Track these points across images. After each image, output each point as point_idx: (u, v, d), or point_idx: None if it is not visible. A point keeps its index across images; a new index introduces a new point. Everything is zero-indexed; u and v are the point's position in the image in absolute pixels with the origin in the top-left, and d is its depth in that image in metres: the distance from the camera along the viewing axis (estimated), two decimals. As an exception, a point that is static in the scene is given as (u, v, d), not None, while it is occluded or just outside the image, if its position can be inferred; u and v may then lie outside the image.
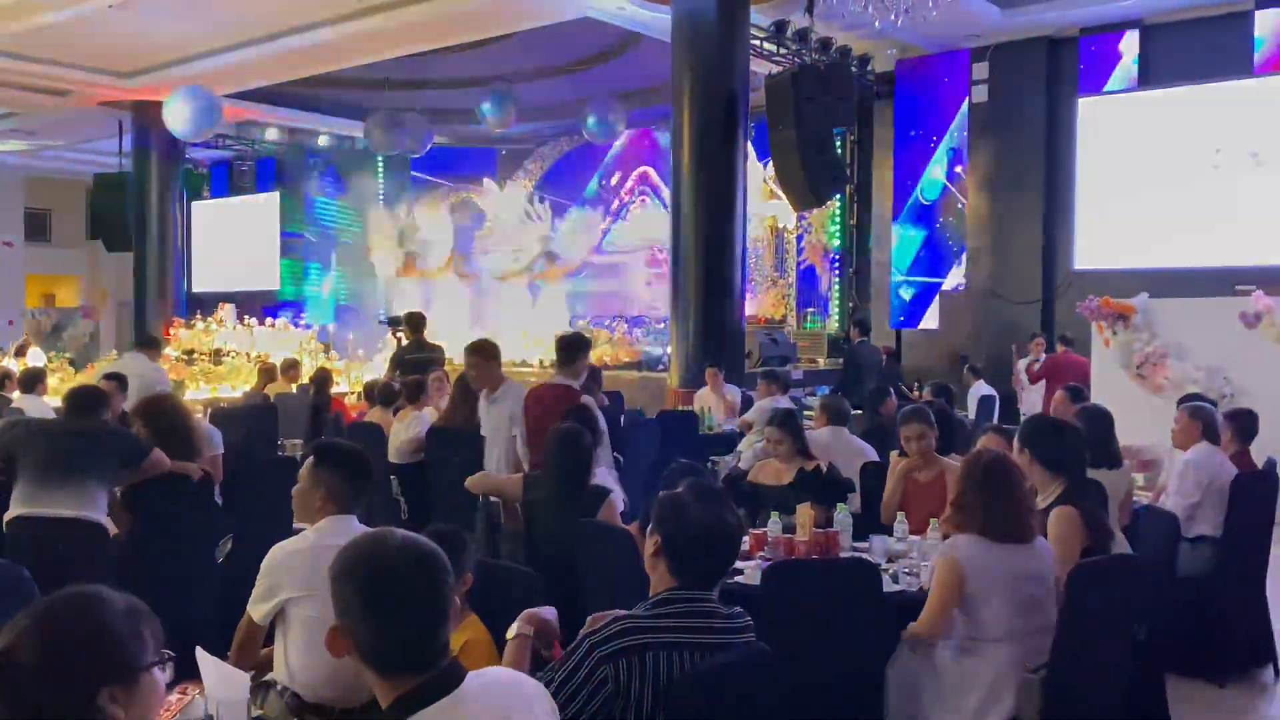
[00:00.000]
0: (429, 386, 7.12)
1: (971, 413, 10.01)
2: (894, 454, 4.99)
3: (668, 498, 2.47)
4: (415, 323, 8.81)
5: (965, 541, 3.30)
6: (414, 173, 17.80)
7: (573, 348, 5.75)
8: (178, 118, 12.88)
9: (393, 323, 9.28)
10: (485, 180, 17.56)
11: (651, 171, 16.59)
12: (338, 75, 13.79)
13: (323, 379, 9.03)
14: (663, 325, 12.69)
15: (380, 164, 17.80)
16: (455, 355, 9.77)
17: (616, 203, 16.99)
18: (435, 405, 6.98)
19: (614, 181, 17.06)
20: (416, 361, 8.26)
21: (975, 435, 4.75)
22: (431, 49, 12.62)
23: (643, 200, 16.63)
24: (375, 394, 7.65)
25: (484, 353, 5.67)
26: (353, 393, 11.12)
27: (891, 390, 7.50)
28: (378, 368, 12.45)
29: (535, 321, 14.72)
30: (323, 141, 17.62)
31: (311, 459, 3.05)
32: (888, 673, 3.37)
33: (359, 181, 17.81)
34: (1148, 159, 11.89)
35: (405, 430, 6.69)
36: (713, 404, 8.92)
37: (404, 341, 9.50)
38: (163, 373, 8.26)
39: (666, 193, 13.83)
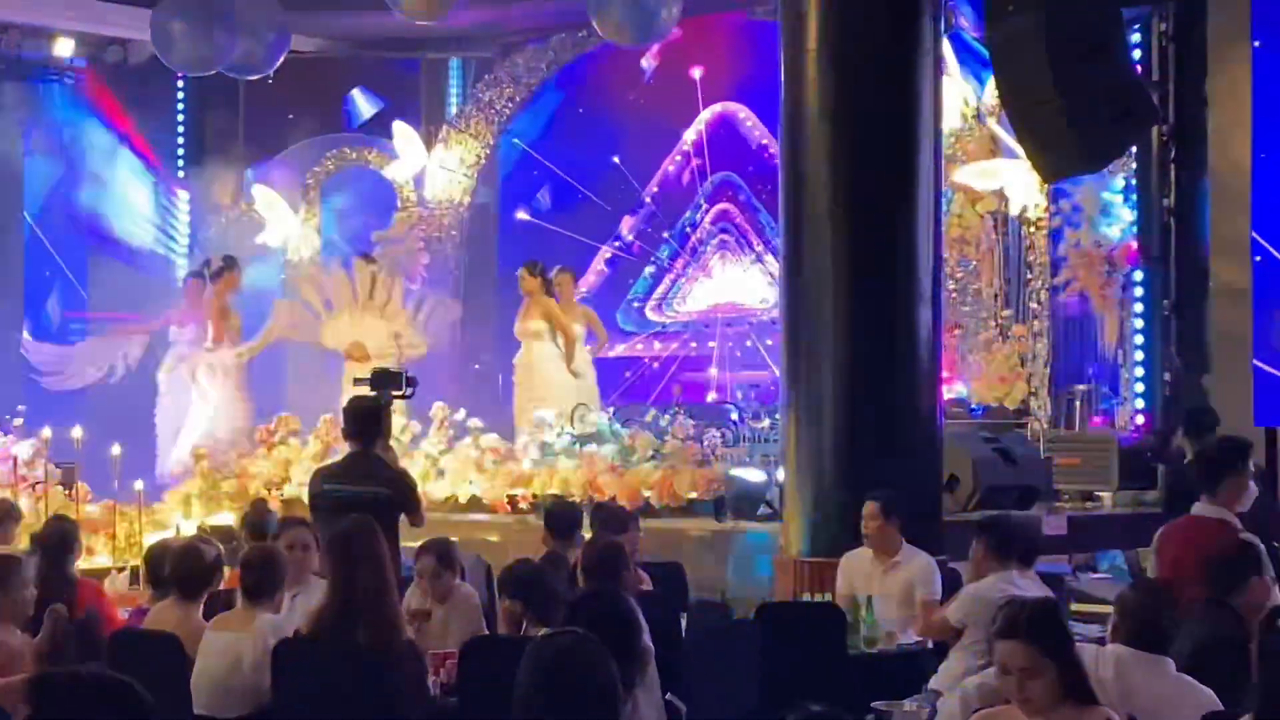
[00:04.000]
0: (286, 564, 6.74)
1: None
2: None
3: None
4: (362, 415, 8.28)
5: None
6: (251, 107, 15.26)
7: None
8: None
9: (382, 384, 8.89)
10: (397, 125, 14.90)
11: (734, 210, 15.44)
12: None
13: (59, 541, 7.87)
14: (768, 425, 11.22)
15: (182, 94, 15.32)
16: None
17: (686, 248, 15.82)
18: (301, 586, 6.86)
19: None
20: (353, 501, 7.63)
21: None
22: None
23: (721, 253, 15.58)
24: (166, 571, 7.10)
25: None
26: (120, 567, 9.93)
27: (1264, 555, 6.31)
28: (170, 520, 11.33)
29: (499, 415, 12.88)
30: (64, 51, 14.76)
31: (26, 703, 3.10)
32: None
33: (140, 129, 15.11)
34: None
35: (232, 648, 6.16)
36: (876, 586, 7.82)
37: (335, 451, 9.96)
38: None
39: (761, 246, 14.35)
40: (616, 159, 15.77)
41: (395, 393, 9.21)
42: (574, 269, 14.39)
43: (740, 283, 15.48)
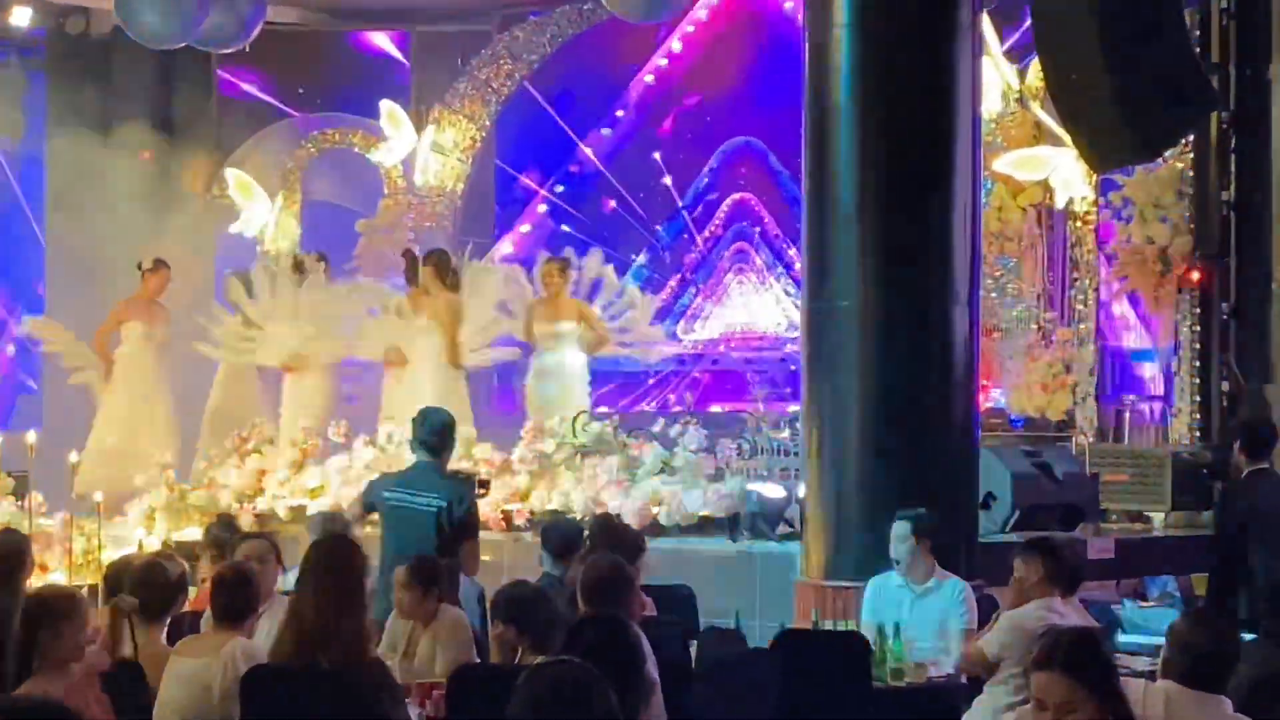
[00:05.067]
0: (259, 581, 6.73)
1: None
2: None
3: None
4: (432, 425, 8.26)
5: None
6: (225, 84, 15.29)
7: None
8: None
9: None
10: (385, 105, 14.83)
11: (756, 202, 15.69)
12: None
13: (9, 556, 7.41)
14: (788, 435, 11.02)
15: (149, 65, 14.78)
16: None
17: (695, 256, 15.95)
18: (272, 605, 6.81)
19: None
20: (411, 512, 8.05)
21: None
22: None
23: (739, 271, 15.74)
24: (127, 590, 6.79)
25: None
26: (76, 586, 9.48)
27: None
28: (127, 536, 10.92)
29: (493, 422, 12.40)
30: (20, 20, 14.55)
31: None
32: None
33: (101, 105, 14.83)
34: None
35: (200, 675, 6.01)
36: (906, 614, 7.71)
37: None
38: None
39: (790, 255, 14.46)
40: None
41: None
42: (566, 259, 13.68)
43: (759, 304, 15.47)
